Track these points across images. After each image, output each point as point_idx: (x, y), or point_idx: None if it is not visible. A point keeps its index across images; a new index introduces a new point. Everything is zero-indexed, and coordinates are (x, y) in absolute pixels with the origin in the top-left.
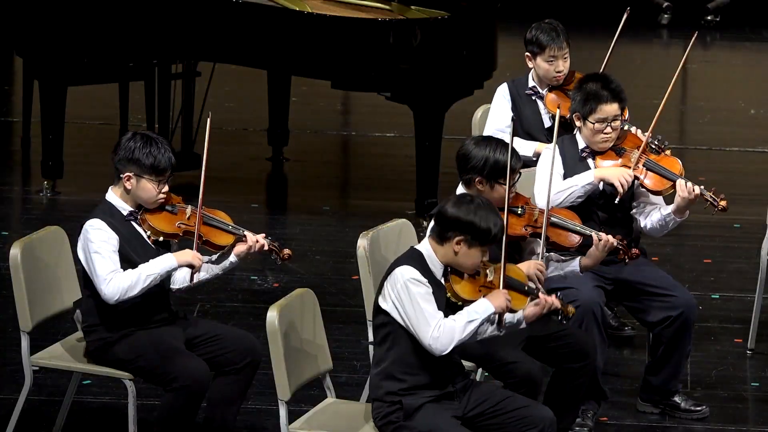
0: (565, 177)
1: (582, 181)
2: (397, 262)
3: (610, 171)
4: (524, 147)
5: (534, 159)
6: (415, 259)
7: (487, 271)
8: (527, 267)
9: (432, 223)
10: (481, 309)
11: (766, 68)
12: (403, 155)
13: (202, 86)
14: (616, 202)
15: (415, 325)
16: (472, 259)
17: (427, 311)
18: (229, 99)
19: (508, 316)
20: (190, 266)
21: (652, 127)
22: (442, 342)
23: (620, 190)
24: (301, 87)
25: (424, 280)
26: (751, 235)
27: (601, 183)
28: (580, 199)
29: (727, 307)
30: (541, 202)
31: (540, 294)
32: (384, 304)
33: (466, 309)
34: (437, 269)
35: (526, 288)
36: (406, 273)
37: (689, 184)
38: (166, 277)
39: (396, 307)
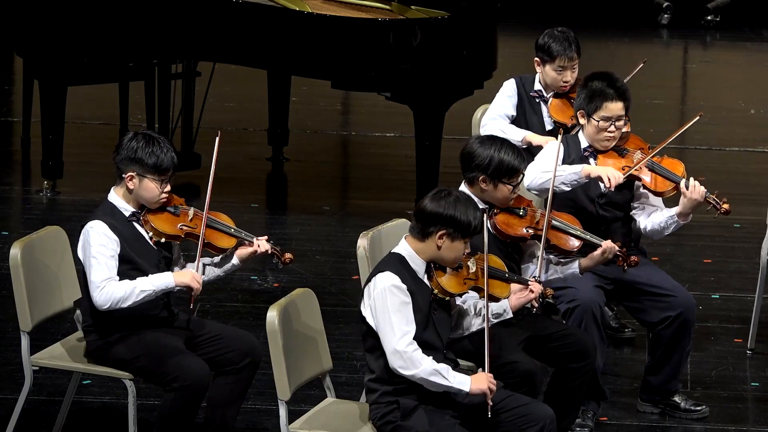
0: None
1: (569, 170)
2: (378, 268)
3: (599, 168)
4: (513, 133)
5: (523, 146)
6: (395, 263)
7: (468, 263)
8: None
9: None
10: (457, 380)
11: (766, 68)
12: (403, 155)
13: (202, 86)
14: (603, 191)
15: (382, 332)
16: (455, 253)
17: (396, 321)
18: (229, 99)
19: (494, 306)
20: (189, 288)
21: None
22: (405, 361)
23: (607, 184)
24: (301, 87)
25: (404, 287)
26: (751, 235)
27: (589, 177)
28: (564, 187)
29: (727, 307)
30: (529, 180)
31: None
32: (364, 310)
33: (450, 369)
34: (419, 268)
35: (507, 275)
36: (386, 280)
37: (697, 184)
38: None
39: (371, 313)
